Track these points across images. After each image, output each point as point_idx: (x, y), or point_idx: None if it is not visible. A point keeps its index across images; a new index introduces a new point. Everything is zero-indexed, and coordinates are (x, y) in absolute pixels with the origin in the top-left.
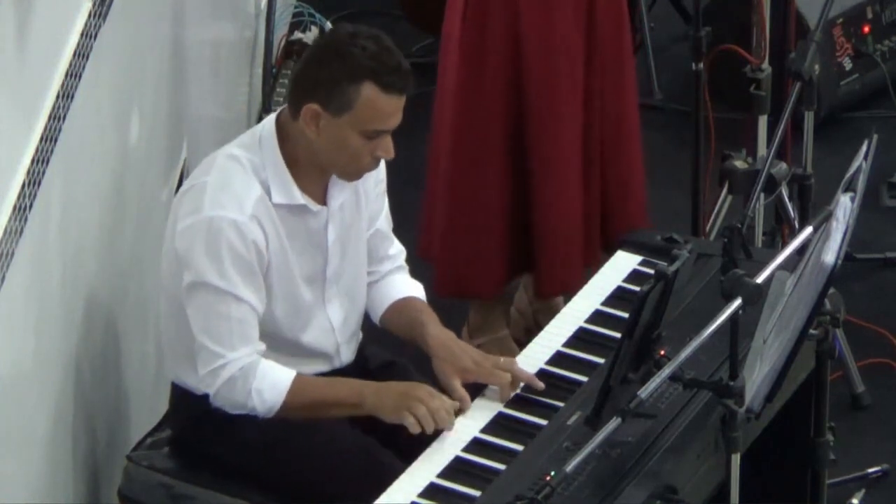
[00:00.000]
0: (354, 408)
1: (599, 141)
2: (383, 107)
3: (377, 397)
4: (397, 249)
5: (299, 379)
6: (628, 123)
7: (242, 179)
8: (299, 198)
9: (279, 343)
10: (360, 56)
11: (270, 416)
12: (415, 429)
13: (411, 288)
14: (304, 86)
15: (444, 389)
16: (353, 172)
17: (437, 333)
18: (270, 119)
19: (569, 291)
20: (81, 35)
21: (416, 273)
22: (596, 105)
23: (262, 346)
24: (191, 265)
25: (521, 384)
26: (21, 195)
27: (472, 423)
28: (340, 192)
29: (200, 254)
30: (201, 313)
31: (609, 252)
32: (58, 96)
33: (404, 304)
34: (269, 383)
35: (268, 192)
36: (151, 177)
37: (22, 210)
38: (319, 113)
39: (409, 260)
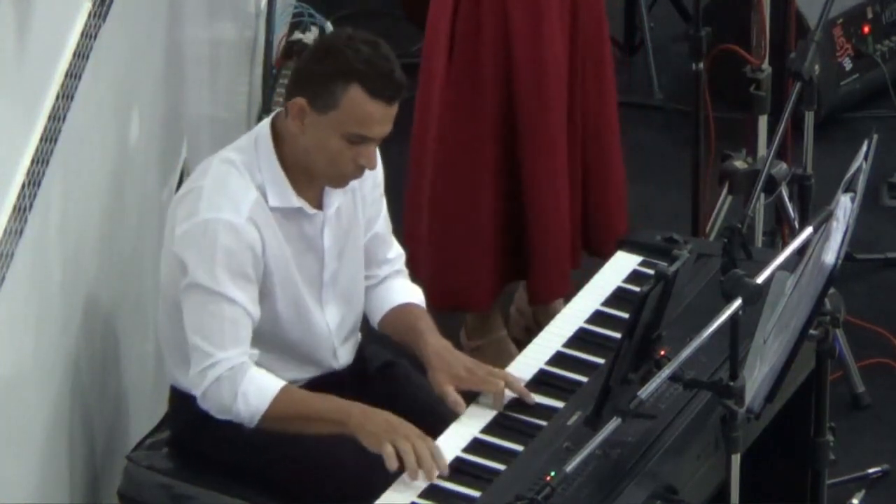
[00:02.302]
0: (338, 425)
1: (583, 144)
2: (368, 111)
3: (363, 418)
4: (396, 253)
5: (288, 388)
6: (608, 126)
7: (238, 182)
8: (295, 201)
9: (278, 345)
10: (352, 57)
11: (252, 425)
12: (392, 462)
13: (410, 293)
14: (296, 82)
15: (439, 397)
16: (336, 177)
17: (433, 342)
18: (267, 122)
19: (559, 297)
20: (81, 35)
21: (411, 278)
22: (579, 108)
23: (255, 352)
24: (187, 267)
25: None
26: (21, 196)
27: (472, 423)
28: (337, 196)
29: (196, 256)
30: (195, 314)
31: (591, 255)
32: (58, 96)
33: (402, 311)
34: (256, 388)
35: (264, 196)
36: (151, 177)
37: (22, 211)
38: (305, 109)
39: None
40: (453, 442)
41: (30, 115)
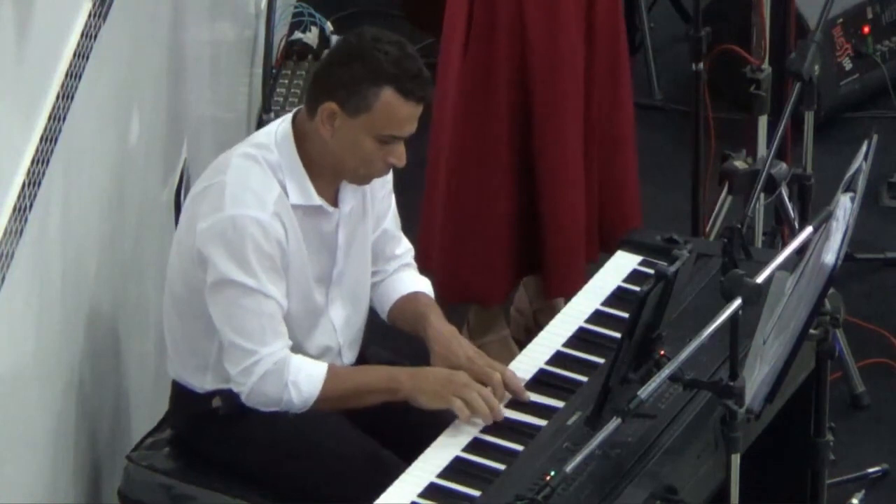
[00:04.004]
0: (391, 393)
1: (598, 140)
2: (400, 113)
3: (416, 381)
4: (405, 248)
5: (333, 368)
6: (622, 123)
7: (261, 178)
8: (316, 199)
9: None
10: (382, 60)
11: (304, 410)
12: (464, 413)
13: (418, 283)
14: (324, 85)
15: None
16: (364, 176)
17: (438, 326)
18: (287, 119)
19: (575, 291)
20: (81, 35)
21: (421, 272)
22: (595, 105)
23: (291, 342)
24: (216, 264)
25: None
26: (21, 196)
27: (472, 422)
28: (351, 194)
29: (225, 252)
30: (229, 312)
31: (605, 250)
32: (58, 96)
33: (410, 299)
34: (305, 375)
35: (285, 192)
36: (151, 177)
37: (22, 211)
38: (336, 112)
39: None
40: (453, 441)
41: (30, 115)
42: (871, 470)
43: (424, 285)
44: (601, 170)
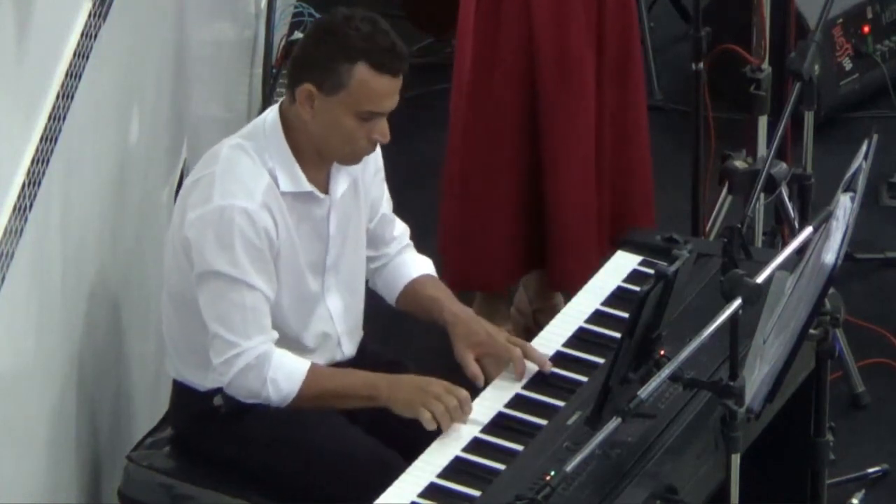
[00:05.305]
0: (368, 400)
1: (611, 134)
2: (376, 87)
3: (391, 390)
4: (401, 229)
5: (314, 369)
6: (635, 117)
7: (250, 168)
8: (306, 185)
9: (282, 334)
10: (353, 37)
11: (284, 406)
12: (431, 425)
13: (421, 265)
14: (300, 67)
15: (460, 363)
16: (350, 155)
17: (454, 309)
18: (273, 109)
19: (580, 285)
20: (81, 35)
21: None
22: (607, 98)
23: (276, 335)
24: (202, 255)
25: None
26: (21, 195)
27: (472, 422)
28: (341, 181)
29: (212, 243)
30: (214, 303)
31: (615, 246)
32: (58, 96)
33: (418, 283)
34: (285, 373)
35: (275, 181)
36: (152, 177)
37: (22, 210)
38: (313, 93)
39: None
40: (453, 441)
41: (30, 115)
42: (871, 470)
43: (428, 266)
44: (613, 164)
